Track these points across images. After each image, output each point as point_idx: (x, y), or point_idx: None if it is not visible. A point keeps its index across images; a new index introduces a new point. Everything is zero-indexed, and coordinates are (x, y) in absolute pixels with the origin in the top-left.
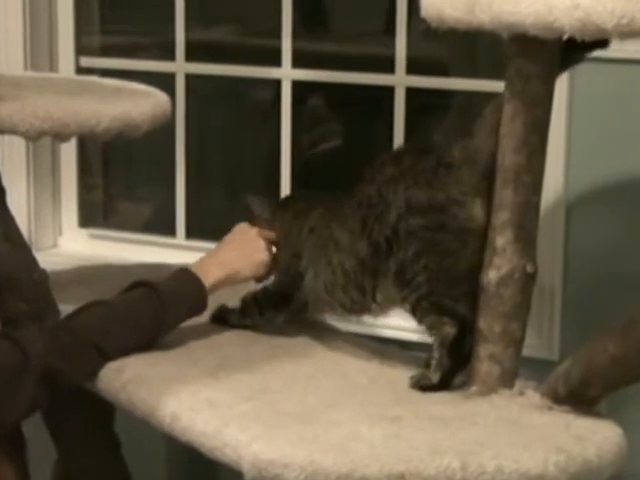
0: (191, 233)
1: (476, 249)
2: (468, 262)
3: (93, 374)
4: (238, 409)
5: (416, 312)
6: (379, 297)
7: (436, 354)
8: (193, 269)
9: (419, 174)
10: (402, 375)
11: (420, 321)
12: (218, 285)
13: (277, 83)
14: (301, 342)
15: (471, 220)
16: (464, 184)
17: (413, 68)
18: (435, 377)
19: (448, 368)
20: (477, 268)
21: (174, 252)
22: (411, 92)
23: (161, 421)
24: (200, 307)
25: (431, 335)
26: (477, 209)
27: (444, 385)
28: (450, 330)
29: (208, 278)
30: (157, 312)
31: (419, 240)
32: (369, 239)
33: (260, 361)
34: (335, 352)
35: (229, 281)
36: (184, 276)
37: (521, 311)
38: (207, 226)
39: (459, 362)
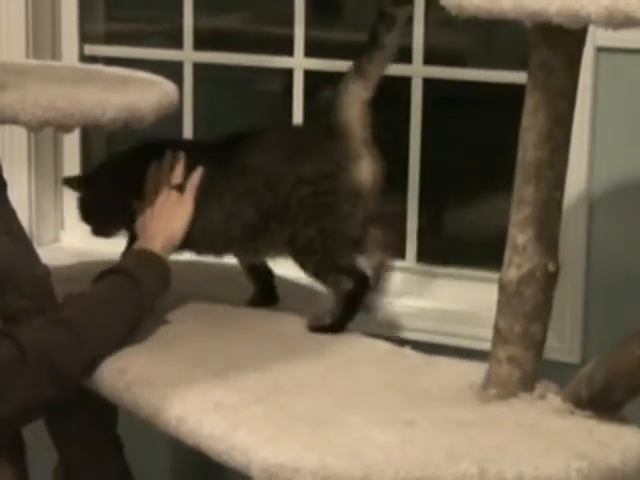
0: None
1: (366, 208)
2: (359, 221)
3: (92, 367)
4: (247, 411)
5: (317, 275)
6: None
7: (333, 303)
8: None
9: (306, 147)
10: (416, 378)
11: (320, 280)
12: (167, 255)
13: (289, 73)
14: (312, 341)
15: (358, 183)
16: (347, 151)
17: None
18: (328, 320)
19: (342, 316)
20: (367, 224)
21: None
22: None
23: (166, 423)
24: (169, 281)
25: (329, 289)
26: (362, 172)
27: (335, 329)
28: (347, 286)
29: (160, 253)
30: (136, 294)
31: (312, 207)
32: (256, 207)
33: (270, 361)
34: (347, 352)
35: (172, 247)
36: (144, 255)
37: (542, 312)
38: None
39: (353, 311)
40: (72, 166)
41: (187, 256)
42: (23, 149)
